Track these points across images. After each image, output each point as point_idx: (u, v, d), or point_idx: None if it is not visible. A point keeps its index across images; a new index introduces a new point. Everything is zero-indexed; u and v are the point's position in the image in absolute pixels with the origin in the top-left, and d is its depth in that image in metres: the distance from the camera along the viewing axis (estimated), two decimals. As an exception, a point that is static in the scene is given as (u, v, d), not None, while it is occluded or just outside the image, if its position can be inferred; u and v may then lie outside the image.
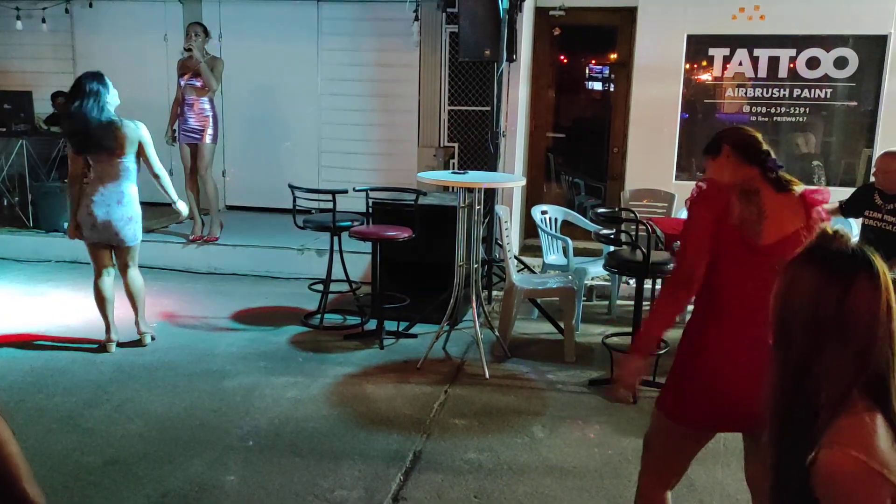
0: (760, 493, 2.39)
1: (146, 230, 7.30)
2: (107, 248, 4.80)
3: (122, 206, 4.73)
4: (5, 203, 8.06)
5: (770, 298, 2.16)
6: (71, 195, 4.86)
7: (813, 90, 6.80)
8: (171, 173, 8.45)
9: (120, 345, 4.91)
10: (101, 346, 4.87)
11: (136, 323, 4.97)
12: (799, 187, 2.31)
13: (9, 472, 1.60)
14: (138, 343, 4.96)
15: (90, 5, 8.31)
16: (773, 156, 2.34)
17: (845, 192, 5.36)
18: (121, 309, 4.96)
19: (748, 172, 2.31)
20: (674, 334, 2.61)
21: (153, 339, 5.04)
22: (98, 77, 4.65)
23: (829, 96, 6.80)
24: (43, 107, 8.28)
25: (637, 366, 2.42)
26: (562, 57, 7.96)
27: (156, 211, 8.21)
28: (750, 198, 2.26)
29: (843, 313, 1.30)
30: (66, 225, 7.29)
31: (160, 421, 3.94)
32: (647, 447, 2.47)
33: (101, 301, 4.83)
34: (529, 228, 7.26)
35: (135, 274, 4.89)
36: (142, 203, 4.91)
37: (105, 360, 4.73)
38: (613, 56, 7.71)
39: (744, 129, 2.45)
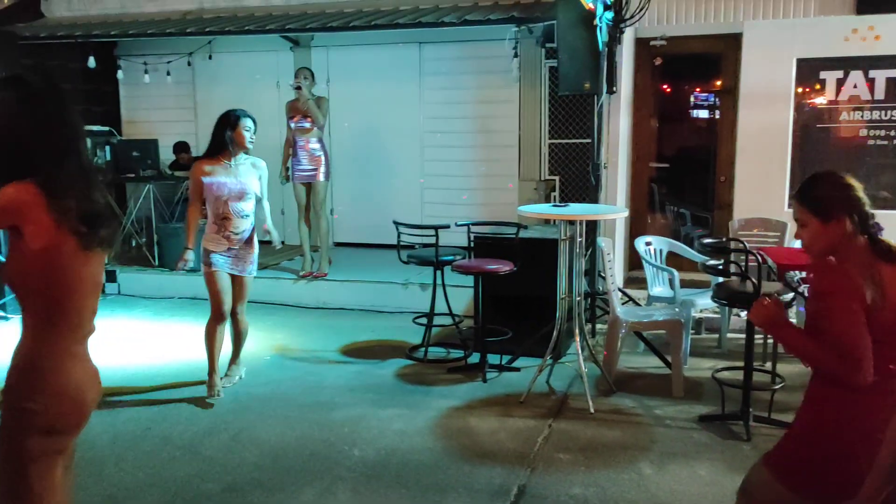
0: None
1: (262, 266, 7.71)
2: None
3: None
4: (133, 244, 8.65)
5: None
6: None
7: (937, 111, 6.42)
8: (282, 213, 8.92)
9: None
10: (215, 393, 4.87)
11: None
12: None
13: None
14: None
15: (210, 57, 8.90)
16: (873, 216, 2.20)
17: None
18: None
19: (859, 243, 2.17)
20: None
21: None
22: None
23: (954, 116, 6.40)
24: (168, 153, 8.88)
25: (774, 317, 2.29)
26: (664, 86, 7.85)
27: (267, 248, 8.62)
28: (868, 274, 2.11)
29: None
30: (188, 264, 7.78)
31: (273, 450, 4.10)
32: (746, 495, 2.36)
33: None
34: (633, 260, 7.14)
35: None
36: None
37: (224, 391, 4.94)
38: (718, 83, 7.54)
39: (854, 188, 2.23)
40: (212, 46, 8.82)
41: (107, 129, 8.92)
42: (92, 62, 8.50)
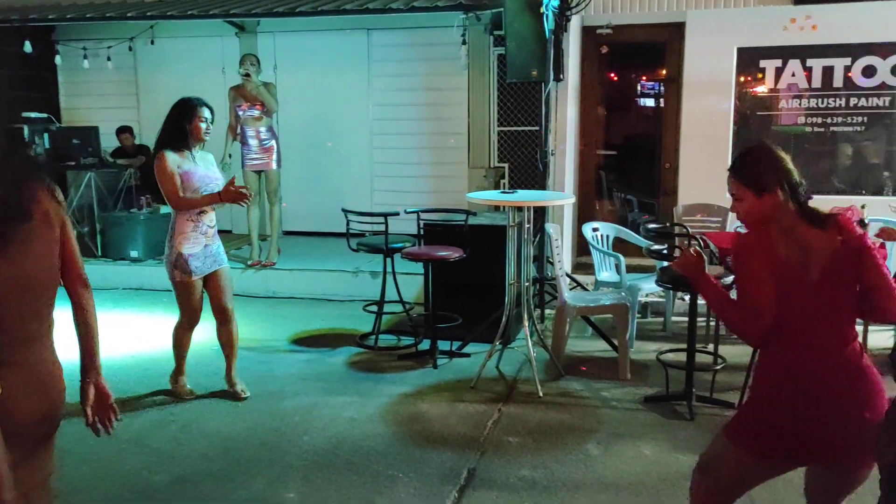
0: None
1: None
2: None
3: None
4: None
5: (823, 332, 2.17)
6: None
7: (870, 99, 6.65)
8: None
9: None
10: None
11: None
12: (829, 215, 2.27)
13: None
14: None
15: (152, 42, 8.68)
16: (802, 185, 2.30)
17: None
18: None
19: (789, 209, 2.26)
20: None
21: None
22: None
23: (888, 104, 6.64)
24: (109, 141, 8.66)
25: (697, 272, 2.44)
26: (611, 74, 7.96)
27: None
28: (789, 235, 2.22)
29: None
30: (133, 253, 7.63)
31: (223, 441, 4.07)
32: (705, 470, 2.45)
33: None
34: (582, 246, 7.25)
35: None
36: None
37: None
38: (663, 72, 7.68)
39: (784, 161, 2.33)
40: (154, 31, 8.59)
41: (45, 115, 8.65)
42: (28, 47, 8.22)
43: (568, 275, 6.30)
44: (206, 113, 4.46)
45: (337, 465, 3.79)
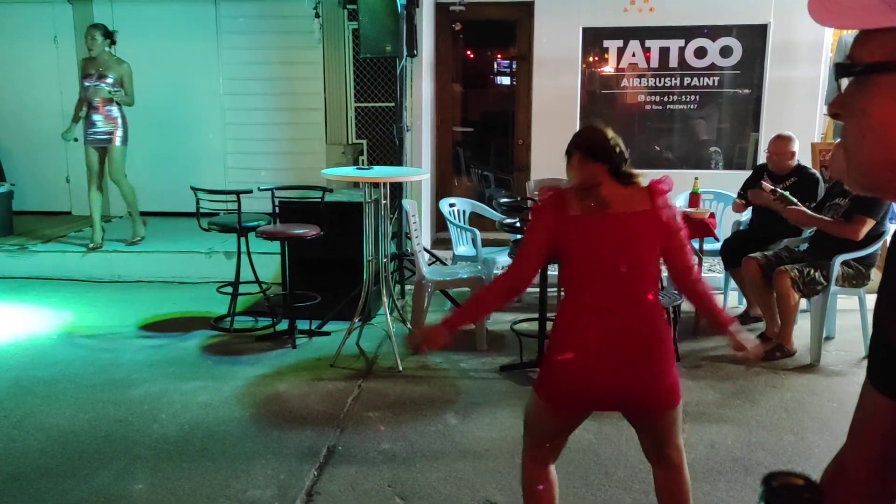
0: (656, 464, 2.54)
1: (46, 239, 7.06)
2: None
3: None
4: None
5: (613, 288, 2.31)
6: None
7: (702, 78, 7.13)
8: (67, 180, 8.22)
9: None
10: None
11: None
12: (643, 179, 2.40)
13: None
14: None
15: (-30, 7, 7.91)
16: (621, 150, 2.41)
17: (738, 175, 5.67)
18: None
19: (594, 169, 2.39)
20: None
21: None
22: None
23: (716, 84, 7.14)
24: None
25: (442, 338, 2.46)
26: (466, 52, 8.06)
27: (54, 220, 7.90)
28: (589, 191, 2.35)
29: None
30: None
31: (63, 435, 3.82)
32: (525, 425, 2.57)
33: None
34: (441, 222, 7.34)
35: None
36: (36, 213, 4.67)
37: (2, 377, 4.54)
38: (514, 50, 7.86)
39: (592, 128, 2.51)
40: (-27, -5, 7.84)
41: None
42: None
43: (427, 250, 6.37)
44: None
45: (190, 452, 3.66)
